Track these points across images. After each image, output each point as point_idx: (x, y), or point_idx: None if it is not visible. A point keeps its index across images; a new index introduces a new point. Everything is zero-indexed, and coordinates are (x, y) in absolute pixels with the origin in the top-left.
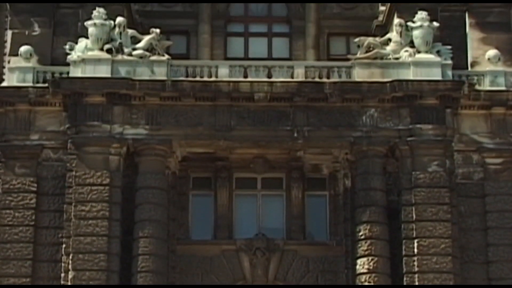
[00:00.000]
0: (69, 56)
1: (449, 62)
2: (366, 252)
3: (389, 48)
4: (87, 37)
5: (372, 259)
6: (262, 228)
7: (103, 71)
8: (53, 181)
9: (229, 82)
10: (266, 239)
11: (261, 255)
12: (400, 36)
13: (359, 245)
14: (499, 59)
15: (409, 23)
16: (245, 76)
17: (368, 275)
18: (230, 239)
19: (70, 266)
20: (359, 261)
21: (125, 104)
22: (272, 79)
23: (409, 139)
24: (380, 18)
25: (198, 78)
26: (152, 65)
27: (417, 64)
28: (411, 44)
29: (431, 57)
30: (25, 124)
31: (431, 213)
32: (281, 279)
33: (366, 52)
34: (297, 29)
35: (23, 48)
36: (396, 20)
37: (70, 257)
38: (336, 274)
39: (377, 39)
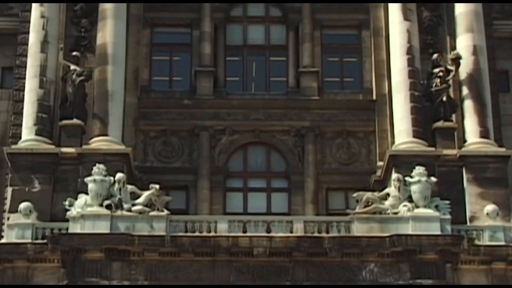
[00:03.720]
0: (68, 212)
1: (448, 217)
2: None
3: (387, 202)
4: (86, 193)
5: None
6: None
7: (102, 227)
8: None
9: (228, 237)
10: None
11: None
12: (399, 191)
13: None
14: (497, 214)
15: (407, 178)
16: (244, 231)
17: None
18: None
19: None
20: None
21: (124, 259)
22: (271, 234)
23: None
24: (378, 173)
25: (197, 234)
26: (152, 220)
27: (416, 219)
28: (410, 198)
29: (429, 212)
30: (23, 281)
31: None
32: None
33: (365, 206)
34: (296, 184)
35: (22, 205)
36: (394, 175)
37: None
38: None
39: (376, 194)
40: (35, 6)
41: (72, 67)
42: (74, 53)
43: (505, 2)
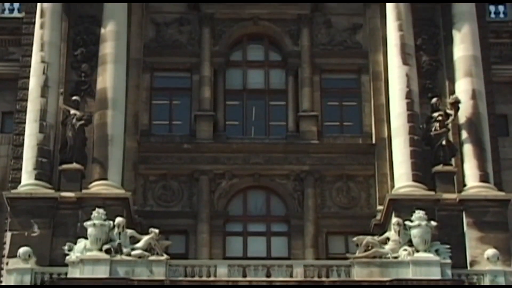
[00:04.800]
0: (67, 257)
1: (448, 261)
2: None
3: (387, 247)
4: (86, 238)
5: None
6: None
7: (102, 272)
8: None
9: (228, 281)
10: None
11: None
12: (399, 235)
13: None
14: (498, 259)
15: (407, 222)
16: (244, 276)
17: None
18: None
19: None
20: None
21: None
22: (271, 279)
23: None
24: (378, 217)
25: (196, 278)
26: (151, 265)
27: (417, 263)
28: (410, 243)
29: (430, 256)
30: None
31: None
32: None
33: (365, 251)
34: (296, 228)
35: (22, 250)
36: (394, 219)
37: None
38: None
39: (376, 238)
40: (35, 51)
41: (72, 111)
42: (74, 98)
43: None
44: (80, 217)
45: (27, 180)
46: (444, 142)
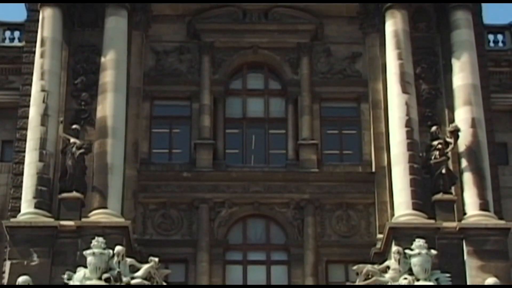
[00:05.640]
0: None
1: None
2: None
3: (388, 275)
4: (85, 267)
5: None
6: None
7: None
8: None
9: None
10: None
11: None
12: (399, 263)
13: None
14: None
15: (407, 251)
16: None
17: None
18: None
19: None
20: None
21: None
22: None
23: None
24: (378, 245)
25: None
26: None
27: None
28: (410, 271)
29: (430, 285)
30: None
31: None
32: None
33: (365, 279)
34: (296, 256)
35: (21, 279)
36: (394, 248)
37: None
38: None
39: (376, 266)
40: (35, 80)
41: (72, 140)
42: (74, 126)
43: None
44: (79, 245)
45: (27, 208)
46: (444, 171)
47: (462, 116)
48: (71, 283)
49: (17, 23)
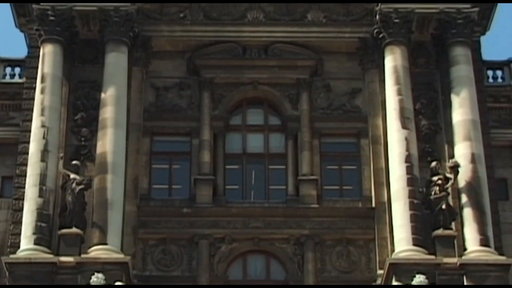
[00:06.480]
0: None
1: None
2: None
3: None
4: None
5: None
6: None
7: None
8: None
9: None
10: None
11: None
12: None
13: None
14: None
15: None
16: None
17: None
18: None
19: None
20: None
21: None
22: None
23: None
24: (379, 281)
25: None
26: None
27: None
28: None
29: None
30: None
31: None
32: None
33: None
34: None
35: None
36: (395, 283)
37: None
38: None
39: None
40: (35, 116)
41: (72, 176)
42: (74, 162)
43: None
44: (79, 281)
45: (26, 245)
46: (444, 206)
47: (462, 151)
48: None
49: (18, 59)
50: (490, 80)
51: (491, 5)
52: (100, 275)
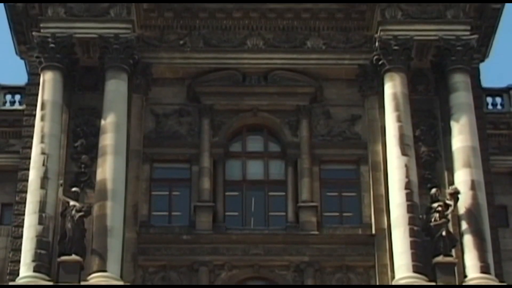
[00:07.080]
0: None
1: None
2: None
3: None
4: None
5: None
6: None
7: None
8: None
9: None
10: None
11: None
12: None
13: None
14: None
15: None
16: None
17: None
18: None
19: None
20: None
21: None
22: None
23: None
24: None
25: None
26: None
27: None
28: None
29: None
30: None
31: None
32: None
33: None
34: None
35: None
36: None
37: None
38: None
39: None
40: (35, 143)
41: (72, 203)
42: (73, 189)
43: None
44: None
45: (26, 272)
46: (444, 233)
47: (462, 178)
48: None
49: (18, 87)
50: (490, 107)
51: (490, 32)
52: None
